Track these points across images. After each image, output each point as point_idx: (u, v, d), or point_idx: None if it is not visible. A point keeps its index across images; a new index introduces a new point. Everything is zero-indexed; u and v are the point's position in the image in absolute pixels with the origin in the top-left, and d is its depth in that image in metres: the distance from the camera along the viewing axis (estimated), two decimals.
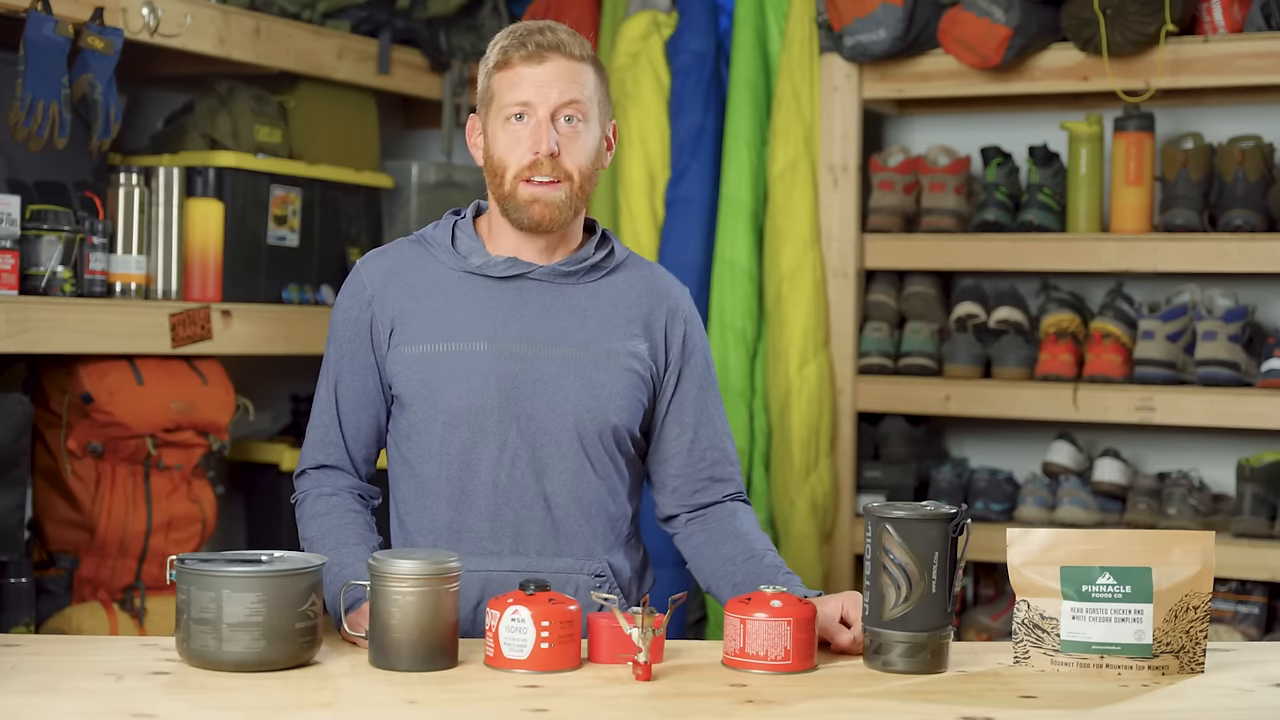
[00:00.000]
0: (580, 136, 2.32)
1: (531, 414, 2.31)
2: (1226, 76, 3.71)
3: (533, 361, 2.32)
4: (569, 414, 2.32)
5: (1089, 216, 3.88)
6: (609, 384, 2.34)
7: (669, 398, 2.42)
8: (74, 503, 3.34)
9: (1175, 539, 2.12)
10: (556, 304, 2.36)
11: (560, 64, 2.31)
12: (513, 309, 2.34)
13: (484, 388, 2.31)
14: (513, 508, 2.32)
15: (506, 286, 2.35)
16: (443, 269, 2.37)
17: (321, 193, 3.92)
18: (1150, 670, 2.08)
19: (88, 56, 3.18)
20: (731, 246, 4.01)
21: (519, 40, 2.32)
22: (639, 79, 4.05)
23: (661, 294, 2.44)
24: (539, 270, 2.36)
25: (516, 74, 2.30)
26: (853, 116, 4.02)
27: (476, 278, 2.35)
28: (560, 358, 2.33)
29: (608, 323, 2.37)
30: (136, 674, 1.97)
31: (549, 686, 1.97)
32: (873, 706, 1.93)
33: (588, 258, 2.39)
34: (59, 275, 3.20)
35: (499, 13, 4.33)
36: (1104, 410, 3.81)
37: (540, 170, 2.29)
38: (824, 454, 3.99)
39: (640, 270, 2.45)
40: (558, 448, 2.32)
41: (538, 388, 2.32)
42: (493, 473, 2.32)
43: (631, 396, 2.37)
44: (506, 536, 2.32)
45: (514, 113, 2.30)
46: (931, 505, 2.09)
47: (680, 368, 2.43)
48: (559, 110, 2.30)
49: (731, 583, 2.36)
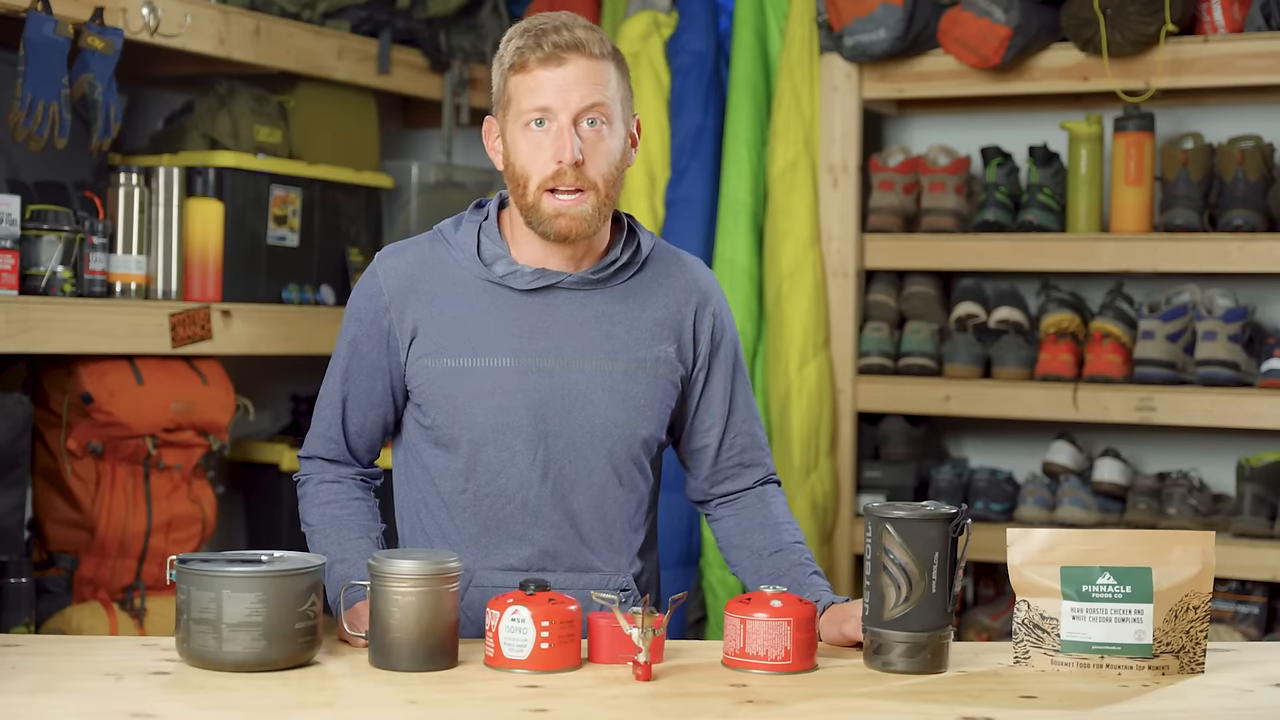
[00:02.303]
0: (604, 140, 2.23)
1: (560, 431, 2.27)
2: (1226, 76, 3.71)
3: (560, 376, 2.26)
4: (598, 430, 2.28)
5: (1089, 216, 3.88)
6: (638, 395, 2.30)
7: (699, 392, 2.38)
8: (74, 503, 3.34)
9: (1175, 539, 2.11)
10: (584, 313, 2.29)
11: (580, 65, 2.20)
12: (539, 321, 2.27)
13: (511, 405, 2.25)
14: (541, 528, 2.28)
15: (533, 298, 2.28)
16: (465, 275, 2.28)
17: (321, 193, 3.92)
18: (1150, 670, 2.08)
19: (88, 56, 3.18)
20: (731, 246, 4.01)
21: (535, 40, 2.21)
22: (639, 79, 4.05)
23: (689, 287, 2.37)
24: (568, 279, 2.28)
25: (534, 78, 2.20)
26: (853, 116, 4.02)
27: (501, 288, 2.27)
28: (589, 371, 2.27)
29: (636, 329, 2.31)
30: (136, 674, 1.97)
31: (549, 686, 1.97)
32: (873, 706, 1.93)
33: (616, 260, 2.31)
34: (59, 275, 3.20)
35: (499, 13, 4.33)
36: (1104, 410, 3.81)
37: (564, 180, 2.20)
38: (824, 454, 3.99)
39: (668, 263, 2.37)
40: (585, 464, 2.28)
41: (566, 403, 2.26)
42: (522, 493, 2.27)
43: (661, 405, 2.33)
44: (534, 554, 2.29)
45: (533, 118, 2.21)
46: (931, 505, 2.09)
47: (710, 361, 2.38)
48: (581, 115, 2.20)
49: (757, 575, 2.35)
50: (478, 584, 2.28)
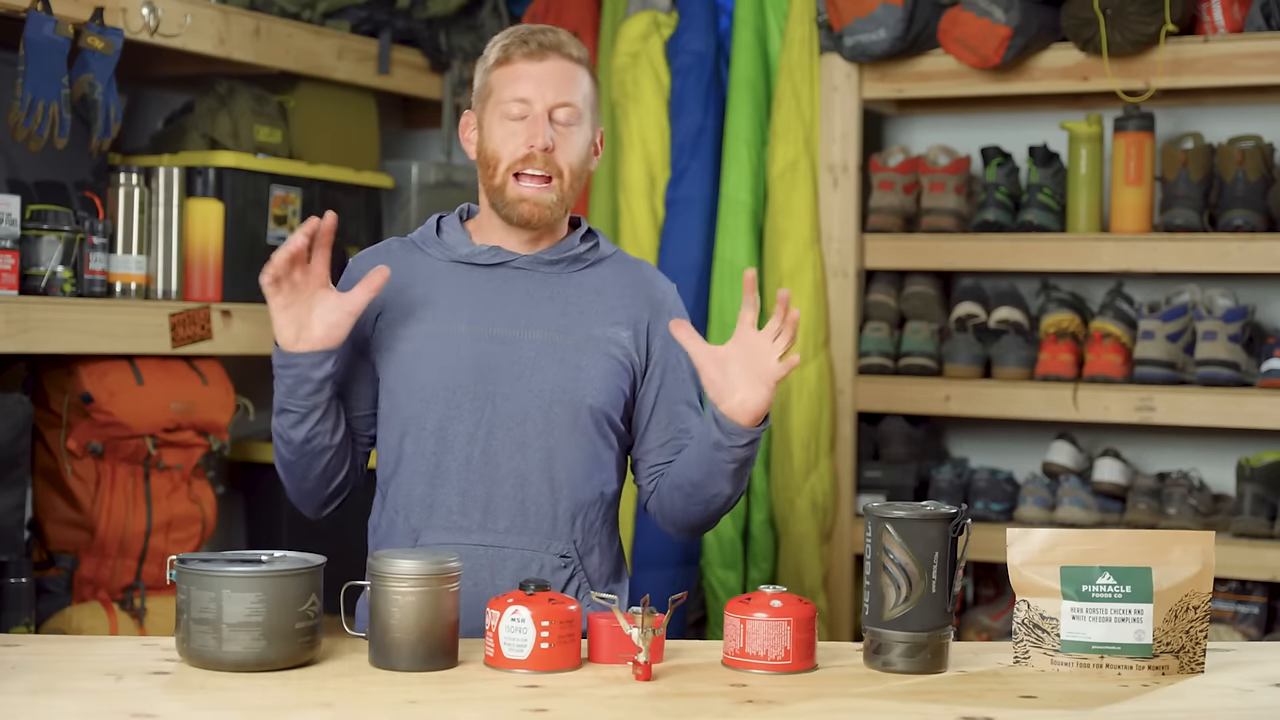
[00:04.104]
0: (573, 136, 2.38)
1: (508, 394, 2.35)
2: (1226, 76, 3.71)
3: (512, 344, 2.36)
4: (545, 394, 2.35)
5: (1089, 216, 3.88)
6: (588, 367, 2.37)
7: (654, 395, 2.44)
8: (74, 503, 3.35)
9: (1175, 539, 2.12)
10: (540, 291, 2.40)
11: (559, 64, 2.38)
12: (495, 295, 2.39)
13: (460, 366, 2.35)
14: (484, 484, 2.34)
15: (491, 274, 2.41)
16: (430, 260, 2.43)
17: (321, 193, 3.91)
18: (1150, 670, 2.09)
19: (88, 56, 3.18)
20: (731, 246, 4.01)
21: (520, 39, 2.39)
22: (639, 79, 4.05)
23: (647, 288, 2.46)
24: (522, 259, 2.41)
25: (516, 70, 2.37)
26: (853, 116, 4.02)
27: (462, 266, 2.41)
28: (539, 341, 2.37)
29: (590, 310, 2.41)
30: (136, 674, 1.97)
31: (549, 686, 1.97)
32: (873, 706, 1.93)
33: (572, 248, 2.43)
34: (59, 275, 3.20)
35: (499, 13, 4.34)
36: (1104, 410, 3.81)
37: (534, 164, 2.35)
38: (824, 454, 3.99)
39: (627, 265, 2.49)
40: (533, 427, 2.35)
41: (515, 368, 2.36)
42: (466, 449, 2.35)
43: (610, 381, 2.39)
44: (476, 512, 2.35)
45: (512, 109, 2.36)
46: (931, 505, 2.09)
47: (665, 363, 2.44)
48: (555, 108, 2.36)
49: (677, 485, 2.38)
50: (423, 543, 2.35)
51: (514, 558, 2.34)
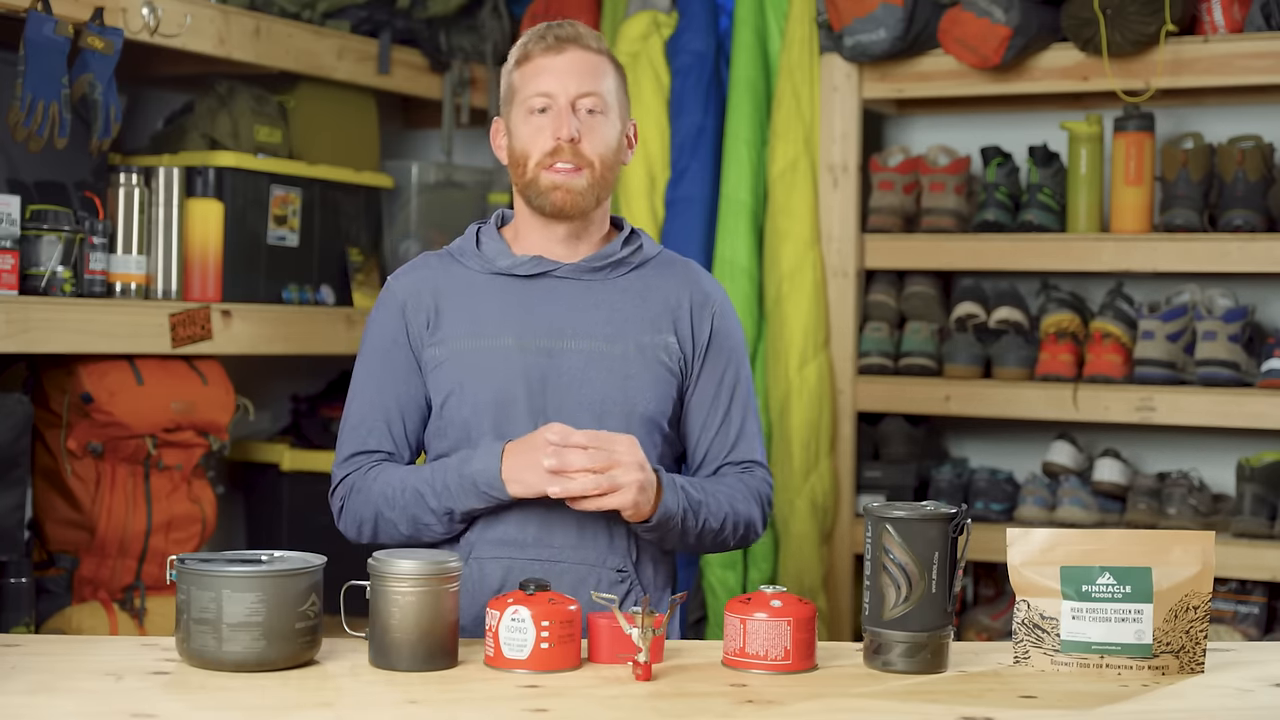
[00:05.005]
0: (600, 126, 2.36)
1: (559, 406, 2.32)
2: (1226, 76, 3.71)
3: (559, 356, 2.34)
4: (596, 405, 2.33)
5: (1089, 216, 3.88)
6: (637, 375, 2.35)
7: (695, 387, 2.41)
8: (74, 503, 3.34)
9: (1175, 539, 2.12)
10: (584, 299, 2.37)
11: (578, 55, 2.36)
12: (539, 305, 2.36)
13: (510, 382, 2.32)
14: (540, 500, 2.29)
15: (533, 284, 2.38)
16: (469, 273, 2.40)
17: (321, 193, 3.92)
18: (1150, 670, 2.09)
19: (88, 56, 3.18)
20: (731, 246, 4.01)
21: (538, 35, 2.39)
22: (639, 79, 4.05)
23: (692, 285, 2.44)
24: (564, 267, 2.38)
25: (536, 65, 2.36)
26: (853, 116, 4.02)
27: (503, 278, 2.38)
28: (587, 351, 2.34)
29: (636, 316, 2.38)
30: (136, 674, 1.97)
31: (549, 686, 1.97)
32: (873, 706, 1.93)
33: (614, 253, 2.41)
34: (59, 275, 3.20)
35: (499, 13, 4.33)
36: (1104, 410, 3.81)
37: (562, 156, 2.33)
38: (824, 454, 3.99)
39: (673, 266, 2.46)
40: None
41: (564, 380, 2.33)
42: None
43: (660, 389, 2.37)
44: (532, 527, 2.32)
45: (535, 104, 2.35)
46: (931, 505, 2.09)
47: (707, 357, 2.42)
48: (578, 99, 2.35)
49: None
50: (476, 556, 2.33)
51: (570, 572, 2.31)
